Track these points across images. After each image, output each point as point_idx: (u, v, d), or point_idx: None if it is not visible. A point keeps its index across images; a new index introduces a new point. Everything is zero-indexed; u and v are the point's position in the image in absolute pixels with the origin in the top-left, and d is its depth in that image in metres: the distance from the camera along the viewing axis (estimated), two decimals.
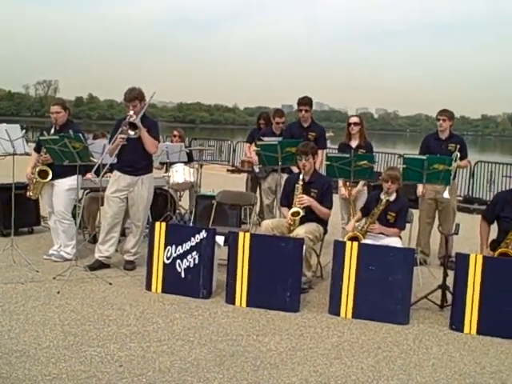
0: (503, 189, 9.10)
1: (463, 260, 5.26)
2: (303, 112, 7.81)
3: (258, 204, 8.79)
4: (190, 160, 9.53)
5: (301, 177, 6.41)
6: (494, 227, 6.10)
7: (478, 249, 6.16)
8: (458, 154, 7.23)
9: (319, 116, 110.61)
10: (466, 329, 5.17)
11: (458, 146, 7.34)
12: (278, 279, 5.53)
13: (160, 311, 5.34)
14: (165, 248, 5.87)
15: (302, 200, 6.29)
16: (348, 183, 7.27)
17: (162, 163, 9.14)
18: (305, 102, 7.85)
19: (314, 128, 7.96)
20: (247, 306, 5.55)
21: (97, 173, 6.88)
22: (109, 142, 6.66)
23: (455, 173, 7.50)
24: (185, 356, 4.37)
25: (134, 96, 6.40)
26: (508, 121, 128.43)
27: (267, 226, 6.31)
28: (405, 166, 7.05)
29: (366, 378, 4.15)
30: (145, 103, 6.51)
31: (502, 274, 5.15)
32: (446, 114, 7.52)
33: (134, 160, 6.49)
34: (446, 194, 7.11)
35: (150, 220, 7.06)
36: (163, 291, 5.84)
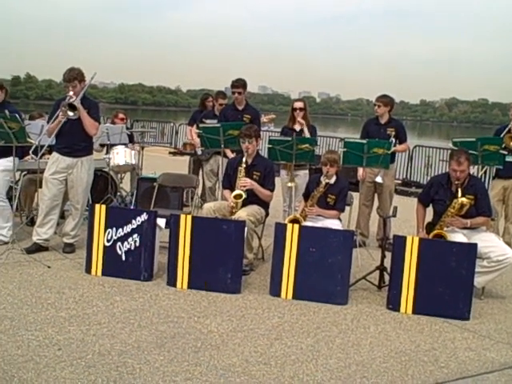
0: (440, 173, 9.33)
1: (400, 242, 5.39)
2: (236, 94, 7.79)
3: (201, 187, 8.78)
4: (131, 142, 9.42)
5: (244, 159, 6.42)
6: (430, 210, 6.27)
7: (415, 231, 6.32)
8: (394, 140, 7.38)
9: (262, 99, 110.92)
10: (402, 308, 5.32)
11: (394, 132, 7.50)
12: (220, 261, 5.55)
13: (100, 294, 5.29)
14: (105, 231, 5.80)
15: (244, 183, 6.31)
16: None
17: (102, 145, 9.00)
18: (238, 84, 7.82)
19: (249, 110, 7.96)
20: (188, 288, 5.55)
21: (35, 154, 6.73)
22: (47, 123, 6.51)
23: (394, 157, 7.67)
24: (125, 338, 4.34)
25: (74, 76, 6.26)
26: (446, 107, 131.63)
27: (209, 208, 6.31)
28: (345, 149, 7.18)
29: (306, 358, 4.23)
30: (85, 84, 6.39)
31: (437, 256, 5.31)
32: (382, 100, 7.65)
33: (74, 141, 6.37)
34: (378, 179, 7.29)
35: (90, 202, 6.95)
36: (103, 274, 5.77)
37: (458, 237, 5.74)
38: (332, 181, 6.45)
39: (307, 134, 7.46)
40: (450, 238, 5.70)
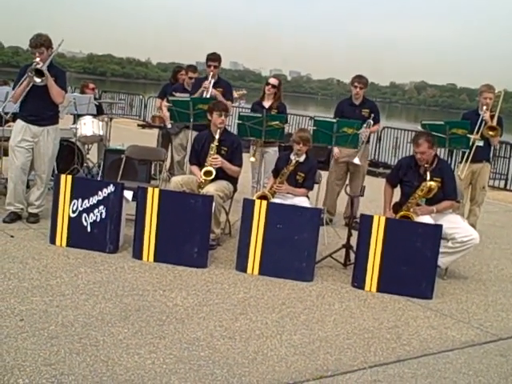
0: (407, 154, 9.40)
1: (367, 221, 5.43)
2: (212, 68, 7.71)
3: (169, 160, 8.71)
4: (99, 113, 9.27)
5: (216, 137, 6.35)
6: (398, 191, 6.32)
7: (382, 211, 6.37)
8: (371, 122, 7.42)
9: (233, 75, 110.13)
10: (367, 286, 5.37)
11: (368, 113, 7.52)
12: (187, 235, 5.53)
13: (64, 265, 5.22)
14: (70, 201, 5.72)
15: (215, 161, 6.25)
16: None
17: (69, 114, 8.85)
18: (214, 57, 7.75)
19: (221, 83, 7.89)
20: (154, 261, 5.52)
21: None
22: (13, 89, 6.36)
23: (368, 138, 7.69)
24: (89, 310, 4.30)
25: (41, 42, 6.12)
26: (415, 90, 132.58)
27: (177, 182, 6.26)
28: (315, 128, 7.18)
29: (270, 333, 4.25)
30: (52, 51, 6.25)
31: (403, 236, 5.37)
32: (363, 81, 7.60)
33: (40, 109, 6.24)
34: (356, 160, 7.30)
35: (56, 172, 6.84)
36: (68, 245, 5.70)
37: (425, 218, 5.79)
38: (302, 159, 6.45)
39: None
40: (416, 219, 5.76)
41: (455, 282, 5.89)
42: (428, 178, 5.78)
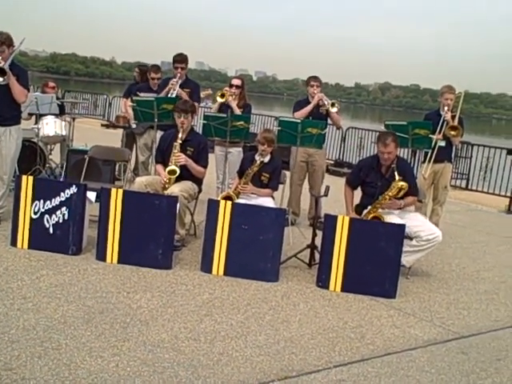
0: (372, 154, 9.49)
1: (331, 221, 5.46)
2: (179, 70, 7.66)
3: (133, 161, 8.64)
4: (61, 112, 9.14)
5: (179, 135, 6.33)
6: (357, 192, 6.38)
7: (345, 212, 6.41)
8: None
9: (199, 75, 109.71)
10: (332, 286, 5.41)
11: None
12: (151, 236, 5.48)
13: (26, 268, 5.13)
14: (32, 203, 5.62)
15: (178, 158, 6.23)
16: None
17: (30, 114, 8.70)
18: (181, 59, 7.69)
19: (189, 84, 7.85)
20: (118, 262, 5.47)
21: None
22: None
23: (325, 137, 7.76)
24: (51, 313, 4.24)
25: (1, 41, 6.01)
26: (379, 90, 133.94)
27: (141, 182, 6.21)
28: (280, 128, 7.20)
29: (235, 334, 4.24)
30: (13, 49, 6.14)
31: (366, 236, 5.42)
32: (319, 80, 7.74)
33: (1, 109, 6.14)
34: None
35: (17, 173, 6.72)
36: (30, 247, 5.61)
37: (394, 219, 5.85)
38: (266, 159, 6.46)
39: (237, 111, 7.43)
40: (386, 220, 5.81)
41: (418, 281, 5.97)
42: (397, 178, 5.84)
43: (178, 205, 5.69)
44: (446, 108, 7.44)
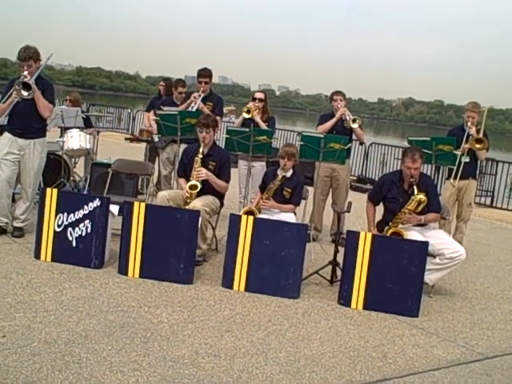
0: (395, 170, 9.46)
1: (353, 237, 5.43)
2: (203, 84, 7.70)
3: (156, 174, 8.68)
4: (86, 126, 9.23)
5: (200, 150, 6.35)
6: (379, 209, 6.33)
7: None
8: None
9: (222, 89, 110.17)
10: (353, 304, 5.36)
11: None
12: (173, 251, 5.49)
13: (48, 280, 5.16)
14: (56, 215, 5.67)
15: (200, 173, 6.24)
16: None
17: (56, 127, 8.80)
18: (205, 74, 7.75)
19: (212, 98, 7.89)
20: (140, 276, 5.48)
21: None
22: (0, 101, 6.32)
23: (349, 152, 7.73)
24: (73, 327, 4.25)
25: (29, 55, 6.10)
26: (402, 106, 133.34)
27: (163, 197, 6.23)
28: (302, 143, 7.19)
29: (256, 351, 4.21)
30: (40, 64, 6.23)
31: (389, 253, 5.36)
32: (343, 94, 7.73)
33: (27, 122, 6.21)
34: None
35: (42, 186, 6.79)
36: (53, 260, 5.65)
37: (415, 235, 5.79)
38: (288, 174, 6.45)
39: (263, 126, 7.44)
40: (406, 237, 5.76)
41: (441, 300, 5.89)
42: (416, 192, 5.80)
43: (200, 219, 5.69)
44: (469, 123, 7.39)
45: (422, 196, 5.80)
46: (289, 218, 6.25)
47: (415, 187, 5.84)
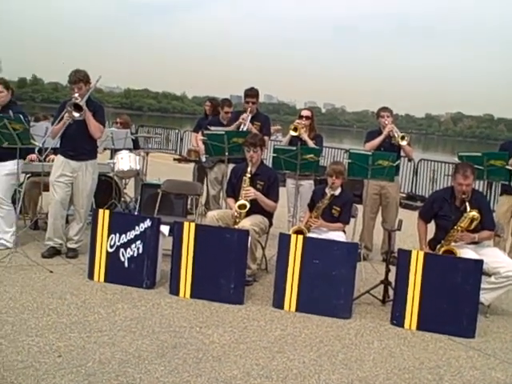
0: (445, 187, 9.29)
1: (405, 256, 5.34)
2: (250, 104, 7.75)
3: (205, 194, 8.74)
4: (135, 147, 9.38)
5: (248, 169, 6.38)
6: (431, 226, 6.22)
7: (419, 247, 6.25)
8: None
9: (267, 108, 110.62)
10: (407, 324, 5.25)
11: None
12: (223, 271, 5.50)
13: (102, 301, 5.24)
14: (108, 236, 5.76)
15: (248, 193, 6.26)
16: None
17: (105, 149, 8.98)
18: (252, 94, 7.79)
19: (259, 117, 7.92)
20: (191, 297, 5.50)
21: (39, 153, 6.73)
22: (52, 124, 6.49)
23: (398, 169, 7.62)
24: (126, 347, 4.29)
25: (79, 78, 6.26)
26: (451, 121, 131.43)
27: (212, 216, 6.26)
28: (350, 160, 7.12)
29: (308, 372, 4.17)
30: (90, 86, 6.38)
31: (442, 271, 5.25)
32: (390, 110, 7.65)
33: (78, 144, 6.35)
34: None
35: (94, 207, 6.92)
36: (106, 280, 5.73)
37: (468, 253, 5.67)
38: (337, 192, 6.41)
39: (310, 144, 7.43)
40: (459, 255, 5.64)
41: (498, 320, 5.72)
42: (468, 209, 5.69)
43: (250, 239, 5.69)
44: None
45: (474, 213, 5.69)
46: (338, 236, 6.20)
47: (467, 204, 5.73)
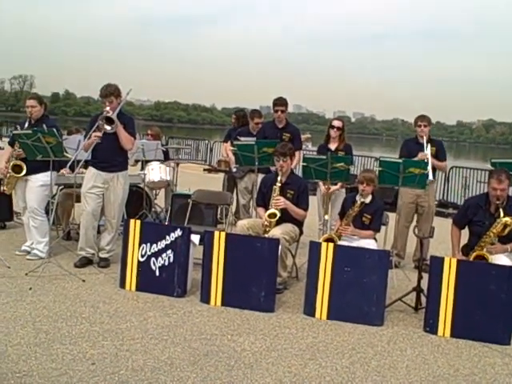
0: (477, 194, 9.18)
1: (438, 263, 5.28)
2: (279, 113, 7.79)
3: (235, 204, 8.76)
4: (166, 158, 9.47)
5: (278, 178, 6.39)
6: (465, 233, 6.14)
7: (451, 253, 6.18)
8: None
9: (297, 118, 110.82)
10: (440, 331, 5.19)
11: (435, 149, 7.41)
12: (253, 279, 5.51)
13: (134, 309, 5.28)
14: (139, 246, 5.82)
15: (278, 202, 6.27)
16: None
17: (137, 161, 9.08)
18: (280, 102, 7.83)
19: (289, 129, 7.95)
20: (222, 305, 5.52)
21: (71, 169, 6.82)
22: (84, 137, 6.60)
23: (434, 175, 7.53)
24: (158, 355, 4.32)
25: (110, 92, 6.36)
26: (483, 128, 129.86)
27: (243, 226, 6.28)
28: (381, 168, 7.07)
29: (341, 380, 4.14)
30: (121, 99, 6.48)
31: (475, 278, 5.18)
32: (428, 119, 7.57)
33: (109, 156, 6.44)
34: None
35: (125, 217, 6.99)
36: (137, 289, 5.78)
37: (502, 259, 5.58)
38: (368, 200, 6.38)
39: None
40: (491, 260, 5.56)
41: None
42: (502, 215, 5.62)
43: (280, 247, 5.70)
44: None
45: (508, 219, 5.62)
46: (369, 244, 6.17)
47: (501, 210, 5.66)
